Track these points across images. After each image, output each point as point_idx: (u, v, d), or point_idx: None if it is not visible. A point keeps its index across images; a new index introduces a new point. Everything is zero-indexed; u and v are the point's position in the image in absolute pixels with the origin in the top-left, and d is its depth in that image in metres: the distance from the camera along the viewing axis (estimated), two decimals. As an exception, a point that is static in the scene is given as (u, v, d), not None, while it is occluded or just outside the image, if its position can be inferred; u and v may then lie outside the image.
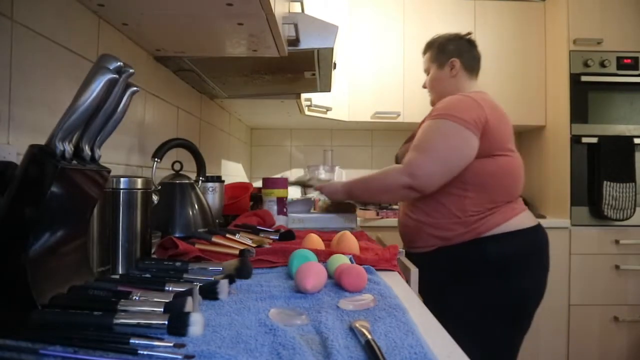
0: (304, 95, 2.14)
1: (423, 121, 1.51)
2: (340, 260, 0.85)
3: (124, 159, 1.21)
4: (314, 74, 1.64)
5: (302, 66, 1.54)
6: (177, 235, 1.17)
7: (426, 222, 1.46)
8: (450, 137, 1.37)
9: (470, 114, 1.37)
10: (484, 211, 1.40)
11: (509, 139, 1.45)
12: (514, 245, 1.39)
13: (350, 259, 0.92)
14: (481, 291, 1.39)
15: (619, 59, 2.49)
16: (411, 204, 1.53)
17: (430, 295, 1.21)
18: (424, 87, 1.71)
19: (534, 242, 1.44)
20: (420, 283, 1.12)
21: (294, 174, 3.16)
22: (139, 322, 0.52)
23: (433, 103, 1.68)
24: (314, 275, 0.74)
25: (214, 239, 1.06)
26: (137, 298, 0.60)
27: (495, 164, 1.40)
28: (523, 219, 1.43)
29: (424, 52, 1.69)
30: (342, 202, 1.74)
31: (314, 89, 1.94)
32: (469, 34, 1.64)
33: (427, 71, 1.69)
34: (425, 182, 1.36)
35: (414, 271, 1.10)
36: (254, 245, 1.09)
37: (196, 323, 0.52)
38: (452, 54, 1.58)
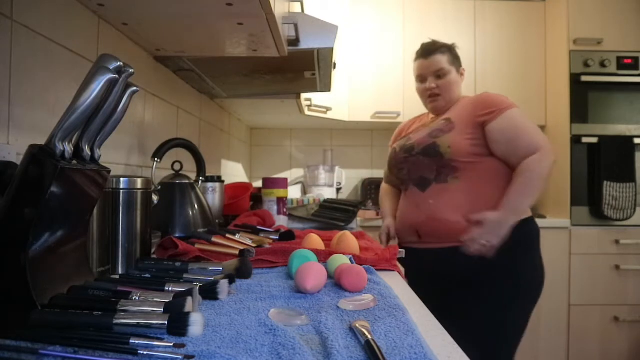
0: (304, 95, 2.13)
1: (429, 120, 1.54)
2: (340, 260, 0.85)
3: (124, 159, 1.21)
4: (314, 74, 1.64)
5: (302, 66, 1.54)
6: (177, 235, 1.17)
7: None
8: None
9: None
10: None
11: None
12: (535, 227, 1.52)
13: (350, 259, 0.92)
14: (514, 269, 1.44)
15: (619, 59, 2.49)
16: (450, 204, 1.46)
17: (457, 285, 1.22)
18: (431, 88, 1.56)
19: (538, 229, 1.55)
20: (445, 275, 1.12)
21: (294, 174, 3.17)
22: (139, 322, 0.51)
23: (439, 107, 1.59)
24: (314, 275, 0.74)
25: (214, 239, 1.06)
26: (137, 298, 0.60)
27: None
28: (530, 210, 1.53)
29: (433, 53, 1.56)
30: (339, 208, 1.79)
31: (314, 89, 1.94)
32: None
33: (438, 72, 1.55)
34: None
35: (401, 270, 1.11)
36: (254, 245, 1.09)
37: (196, 323, 0.52)
38: (461, 61, 1.64)
